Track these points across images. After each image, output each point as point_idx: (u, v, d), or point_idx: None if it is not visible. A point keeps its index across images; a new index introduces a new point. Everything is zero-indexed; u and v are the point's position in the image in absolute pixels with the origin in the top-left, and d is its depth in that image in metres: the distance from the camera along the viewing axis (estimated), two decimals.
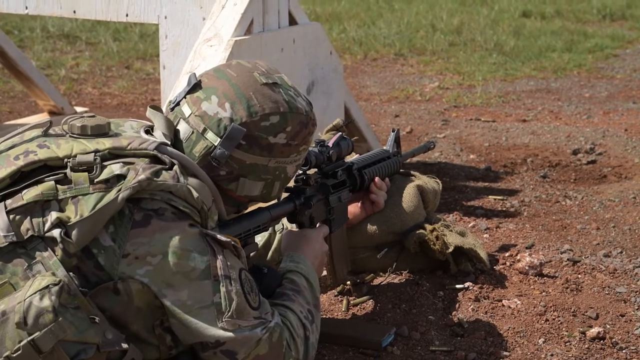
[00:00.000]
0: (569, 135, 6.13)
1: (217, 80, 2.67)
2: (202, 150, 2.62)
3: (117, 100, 7.86)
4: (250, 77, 2.67)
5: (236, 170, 2.65)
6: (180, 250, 2.43)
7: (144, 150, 2.50)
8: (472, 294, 3.45)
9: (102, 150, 2.48)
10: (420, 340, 3.16)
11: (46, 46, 9.98)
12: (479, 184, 5.19)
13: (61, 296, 2.30)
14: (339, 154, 3.25)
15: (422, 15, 12.01)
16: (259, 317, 2.53)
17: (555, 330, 3.22)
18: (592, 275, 3.68)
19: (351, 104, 5.02)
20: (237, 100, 2.62)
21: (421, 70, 9.07)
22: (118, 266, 2.40)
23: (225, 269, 2.48)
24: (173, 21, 4.34)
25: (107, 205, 2.38)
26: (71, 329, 2.31)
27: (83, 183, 2.41)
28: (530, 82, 8.34)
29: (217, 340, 2.46)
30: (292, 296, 2.71)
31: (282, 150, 2.67)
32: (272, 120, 2.63)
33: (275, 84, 2.69)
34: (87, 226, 2.37)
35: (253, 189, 2.70)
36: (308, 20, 4.56)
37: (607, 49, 9.90)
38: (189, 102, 2.65)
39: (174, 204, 2.44)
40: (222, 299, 2.46)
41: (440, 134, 6.35)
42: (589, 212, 4.59)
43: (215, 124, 2.60)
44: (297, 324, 2.63)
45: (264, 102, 2.63)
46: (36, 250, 2.37)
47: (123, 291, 2.41)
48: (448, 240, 3.52)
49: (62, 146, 2.49)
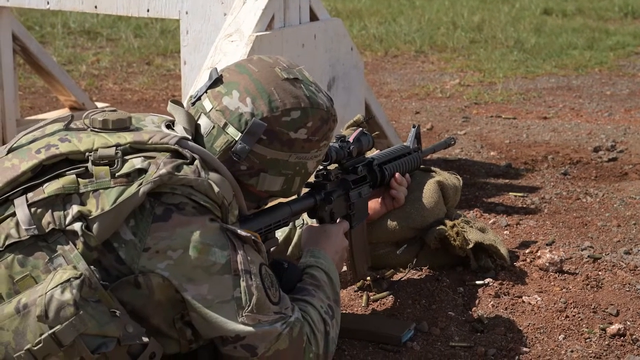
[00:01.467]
0: (590, 132, 6.12)
1: (239, 75, 2.67)
2: (223, 145, 2.62)
3: (137, 96, 7.88)
4: (272, 72, 2.67)
5: (257, 165, 2.65)
6: (201, 245, 2.43)
7: (165, 144, 2.51)
8: (492, 290, 3.44)
9: (124, 144, 2.49)
10: (440, 335, 3.16)
11: (67, 42, 10.01)
12: (499, 181, 5.18)
13: (82, 290, 2.31)
14: (360, 150, 3.25)
15: (443, 13, 11.99)
16: (279, 312, 2.53)
17: (576, 326, 3.21)
18: (612, 272, 3.67)
19: (371, 100, 5.02)
20: (259, 95, 2.62)
21: (442, 67, 9.06)
22: (139, 260, 2.40)
23: (245, 264, 2.48)
24: (194, 17, 4.34)
25: (128, 199, 2.38)
26: (92, 322, 2.31)
27: (104, 177, 2.42)
28: (551, 80, 8.32)
29: (237, 335, 2.46)
30: (313, 291, 2.71)
31: (302, 146, 2.67)
32: (293, 116, 2.64)
33: (296, 79, 2.68)
34: (108, 220, 2.37)
35: (273, 184, 2.70)
36: (329, 16, 4.56)
37: (629, 47, 9.86)
38: (210, 96, 2.65)
39: (195, 199, 2.44)
40: (243, 293, 2.46)
41: (460, 130, 6.34)
42: (609, 209, 4.58)
43: (237, 119, 2.61)
44: (317, 319, 2.63)
45: (285, 97, 2.63)
46: (57, 243, 2.38)
47: (144, 285, 2.42)
48: (468, 237, 3.51)
49: (83, 140, 2.50)
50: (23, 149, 2.52)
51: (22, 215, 2.39)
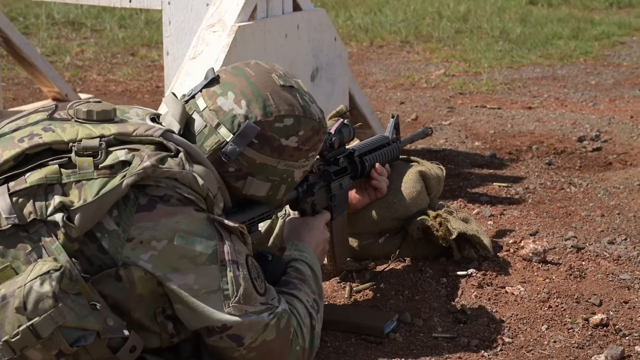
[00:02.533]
0: (574, 122, 6.12)
1: (235, 77, 2.68)
2: (214, 145, 2.63)
3: (122, 87, 7.85)
4: (269, 78, 2.68)
5: (245, 168, 2.65)
6: (187, 235, 2.42)
7: (149, 136, 2.50)
8: (475, 280, 3.44)
9: (108, 135, 2.48)
10: (423, 326, 3.16)
11: (51, 33, 9.96)
12: (483, 171, 5.18)
13: (62, 282, 2.30)
14: (341, 141, 3.25)
15: (429, 3, 11.97)
16: (266, 302, 2.53)
17: (559, 317, 3.21)
18: (596, 262, 3.67)
19: (355, 91, 5.00)
20: (254, 98, 2.63)
21: (427, 57, 9.05)
22: (122, 250, 2.39)
23: (232, 254, 2.48)
24: (177, 7, 4.32)
25: (111, 191, 2.37)
26: (71, 315, 2.30)
27: (87, 168, 2.41)
28: (536, 70, 8.32)
29: (223, 325, 2.45)
30: (299, 285, 2.72)
31: (292, 154, 2.69)
32: (286, 123, 2.65)
33: (292, 87, 2.71)
34: (90, 211, 2.36)
35: (259, 189, 2.70)
36: (312, 6, 4.54)
37: (614, 37, 9.86)
38: (205, 96, 2.66)
39: (179, 191, 2.44)
40: (229, 284, 2.46)
41: (445, 121, 6.34)
42: (593, 199, 4.58)
43: (230, 120, 2.61)
44: (304, 313, 2.63)
45: (280, 103, 2.64)
46: (38, 234, 2.37)
47: (125, 278, 2.41)
48: (451, 227, 3.51)
49: (67, 130, 2.49)
50: (6, 137, 2.51)
51: (3, 204, 2.38)
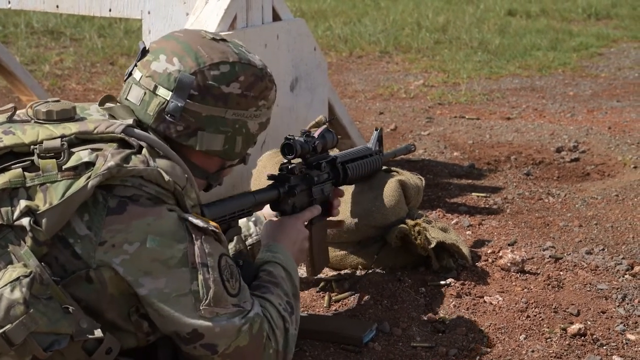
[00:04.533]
0: (552, 133, 6.15)
1: (165, 41, 2.69)
2: (156, 108, 2.60)
3: (101, 96, 7.83)
4: (197, 34, 2.70)
5: (193, 124, 2.62)
6: (158, 237, 2.41)
7: (110, 133, 2.48)
8: (454, 290, 3.45)
9: (69, 135, 2.45)
10: (401, 336, 3.16)
11: (30, 42, 9.95)
12: (462, 181, 5.19)
13: (32, 287, 2.29)
14: (324, 146, 3.25)
15: (408, 13, 12.02)
16: (238, 304, 2.51)
17: (537, 326, 3.22)
18: (573, 272, 3.68)
19: (335, 100, 5.02)
20: (185, 53, 2.62)
21: (406, 67, 9.07)
22: (95, 254, 2.38)
23: (202, 257, 2.46)
24: (156, 16, 4.33)
25: (76, 193, 2.35)
26: (43, 320, 2.29)
27: (51, 170, 2.38)
28: (514, 80, 8.36)
29: (194, 330, 2.44)
30: (271, 288, 2.70)
31: (238, 102, 2.65)
32: (222, 69, 2.63)
33: (223, 40, 2.71)
34: (57, 214, 2.34)
35: (213, 143, 2.66)
36: (292, 17, 4.55)
37: (592, 48, 9.92)
38: (140, 67, 2.65)
39: (146, 189, 2.42)
40: (200, 287, 2.45)
41: (424, 131, 6.35)
42: (571, 210, 4.60)
43: (166, 79, 2.60)
44: (276, 316, 2.62)
45: (212, 52, 2.64)
46: (6, 239, 2.35)
47: (96, 279, 2.39)
48: (430, 236, 3.52)
49: (27, 132, 2.46)
50: None
51: None
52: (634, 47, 10.06)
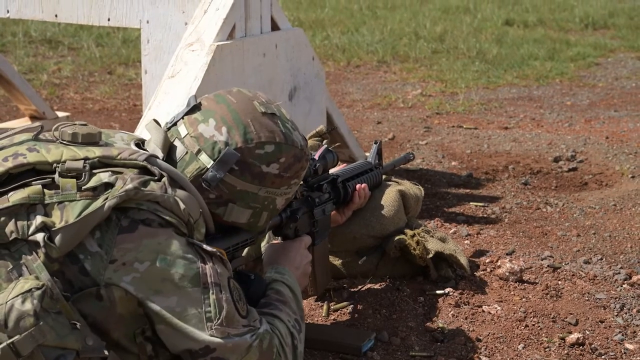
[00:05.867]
0: (550, 142, 6.15)
1: (217, 104, 2.67)
2: (194, 172, 2.62)
3: (99, 106, 7.84)
4: (250, 105, 2.67)
5: (226, 195, 2.64)
6: (169, 257, 2.41)
7: (133, 160, 2.49)
8: (452, 299, 3.45)
9: (92, 158, 2.47)
10: (400, 345, 3.16)
11: (28, 51, 9.95)
12: (460, 191, 5.20)
13: (43, 300, 2.29)
14: (325, 167, 3.26)
15: (406, 23, 12.03)
16: (248, 324, 2.52)
17: (535, 336, 3.23)
18: (572, 282, 3.69)
19: (333, 110, 5.02)
20: (235, 125, 2.62)
21: (404, 77, 9.08)
22: (105, 272, 2.38)
23: (215, 277, 2.47)
24: (155, 26, 4.33)
25: (93, 212, 2.36)
26: (51, 333, 2.29)
27: (70, 189, 2.40)
28: (512, 90, 8.37)
29: (206, 346, 2.44)
30: (280, 305, 2.72)
31: (273, 181, 2.68)
32: (267, 149, 2.64)
33: (273, 114, 2.70)
34: (72, 232, 2.35)
35: (240, 216, 2.70)
36: (290, 26, 4.56)
37: (589, 58, 9.94)
38: (187, 123, 2.66)
39: (160, 214, 2.43)
40: (212, 306, 2.45)
41: (422, 140, 6.36)
42: (569, 219, 4.61)
43: (210, 147, 2.61)
44: (285, 332, 2.63)
45: (260, 130, 2.64)
46: (20, 252, 2.35)
47: (106, 297, 2.40)
48: (428, 246, 3.52)
49: (52, 151, 2.48)
50: None
51: None
52: (631, 57, 10.07)
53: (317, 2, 13.79)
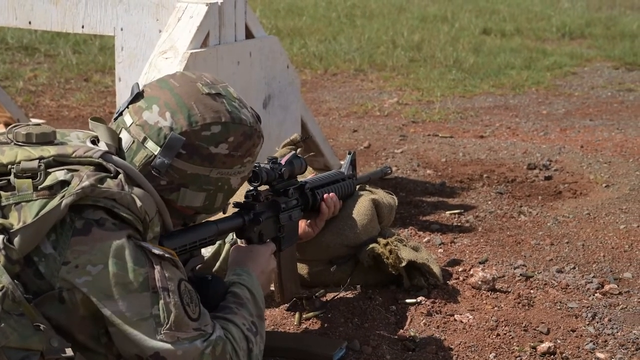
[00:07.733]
0: (525, 151, 6.17)
1: (160, 90, 2.66)
2: (143, 160, 2.61)
3: (74, 113, 7.81)
4: (193, 87, 2.66)
5: (177, 180, 2.63)
6: (120, 261, 2.41)
7: (89, 158, 2.49)
8: (424, 308, 3.46)
9: (47, 157, 2.47)
10: (371, 354, 3.16)
11: (4, 58, 9.91)
12: (435, 199, 5.20)
13: (4, 302, 2.29)
14: (292, 172, 3.25)
15: (383, 32, 12.04)
16: (199, 328, 2.51)
17: (507, 345, 3.23)
18: (544, 291, 3.70)
19: (308, 118, 5.02)
20: (178, 109, 2.61)
21: (381, 85, 9.09)
22: (58, 274, 2.38)
23: (163, 281, 2.46)
24: (129, 33, 4.32)
25: (50, 211, 2.36)
26: (14, 335, 2.29)
27: (27, 190, 2.40)
28: (488, 99, 8.39)
29: (156, 353, 2.43)
30: (235, 309, 2.70)
31: (224, 161, 2.66)
32: (214, 130, 2.62)
33: (218, 94, 2.68)
34: (30, 233, 2.35)
35: (194, 200, 2.68)
36: (265, 34, 4.55)
37: (566, 67, 9.97)
38: (131, 111, 2.65)
39: (117, 211, 2.43)
40: (161, 310, 2.44)
41: (398, 149, 6.36)
42: (543, 228, 4.62)
43: (156, 133, 2.60)
44: (239, 337, 2.62)
45: (205, 111, 2.62)
46: None
47: (68, 300, 2.39)
48: (401, 255, 3.52)
49: (6, 153, 2.48)
50: None
51: None
52: (607, 67, 10.11)
53: (295, 10, 13.79)
